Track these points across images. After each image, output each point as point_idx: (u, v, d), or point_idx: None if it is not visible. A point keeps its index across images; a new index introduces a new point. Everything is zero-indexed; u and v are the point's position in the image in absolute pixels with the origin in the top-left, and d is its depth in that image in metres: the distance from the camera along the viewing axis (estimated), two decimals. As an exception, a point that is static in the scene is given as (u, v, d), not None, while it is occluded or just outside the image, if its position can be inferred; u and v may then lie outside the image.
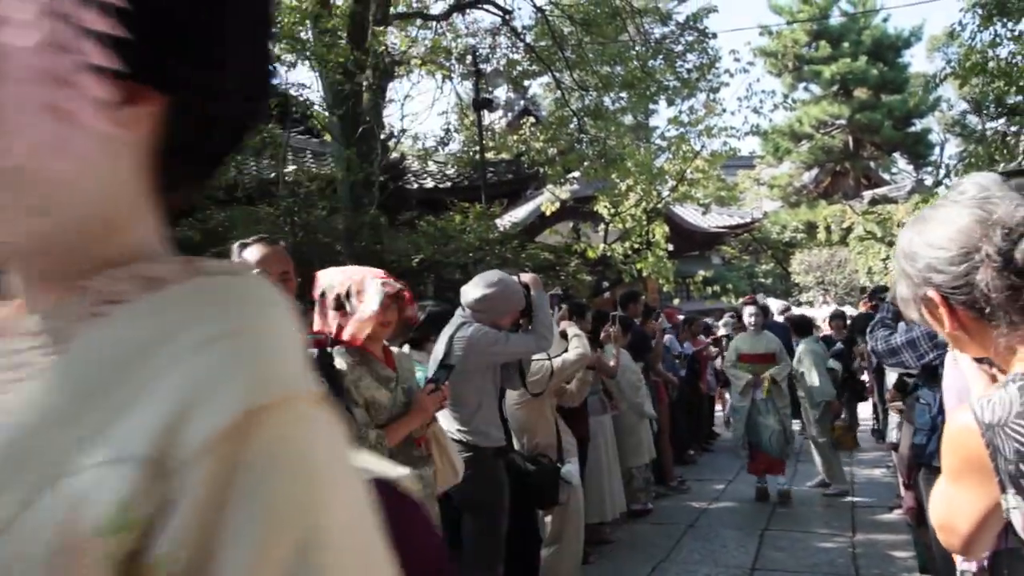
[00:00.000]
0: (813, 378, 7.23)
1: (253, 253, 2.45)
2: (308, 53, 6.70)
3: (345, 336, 2.69)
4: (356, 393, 2.65)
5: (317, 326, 2.72)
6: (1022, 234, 1.16)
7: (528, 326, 3.60)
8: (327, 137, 8.11)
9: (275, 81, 6.98)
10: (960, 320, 1.25)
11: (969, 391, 1.87)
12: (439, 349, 3.44)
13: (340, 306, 2.70)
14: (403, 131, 8.93)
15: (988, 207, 1.19)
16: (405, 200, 9.73)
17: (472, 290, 3.56)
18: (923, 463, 2.92)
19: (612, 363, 5.80)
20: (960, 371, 2.09)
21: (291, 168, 7.37)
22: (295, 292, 2.53)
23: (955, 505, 1.29)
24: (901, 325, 3.29)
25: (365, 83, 7.22)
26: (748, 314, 7.12)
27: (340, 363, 2.66)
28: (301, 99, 7.49)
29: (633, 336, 6.83)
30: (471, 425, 3.45)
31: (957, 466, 1.25)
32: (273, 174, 6.99)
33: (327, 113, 7.38)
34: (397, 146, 9.31)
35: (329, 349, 2.68)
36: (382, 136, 8.03)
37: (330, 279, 2.76)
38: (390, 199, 8.15)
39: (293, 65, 6.92)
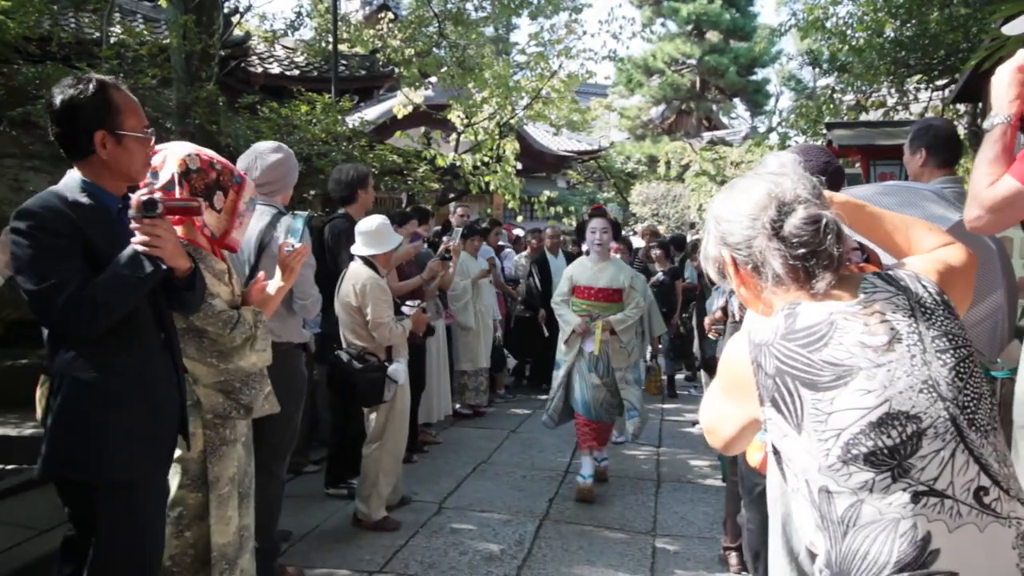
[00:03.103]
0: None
1: (124, 98, 2.10)
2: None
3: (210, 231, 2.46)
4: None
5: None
6: (793, 210, 1.35)
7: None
8: (162, 2, 7.32)
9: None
10: (743, 278, 1.43)
11: None
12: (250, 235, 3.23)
13: (208, 193, 2.42)
14: (249, 7, 8.23)
15: (779, 182, 1.38)
16: (248, 83, 9.08)
17: (260, 160, 3.32)
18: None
19: (450, 272, 5.82)
20: None
21: (118, 29, 6.60)
22: None
23: (722, 413, 1.47)
24: None
25: (209, -55, 6.53)
26: (592, 229, 5.05)
27: None
28: (133, -47, 6.67)
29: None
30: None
31: (729, 380, 1.43)
32: (96, 33, 6.23)
33: (163, -27, 6.63)
34: (241, 23, 8.59)
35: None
36: (225, 8, 7.36)
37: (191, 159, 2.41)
38: (231, 79, 7.56)
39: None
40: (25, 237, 1.92)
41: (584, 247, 5.37)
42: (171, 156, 2.37)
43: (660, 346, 7.25)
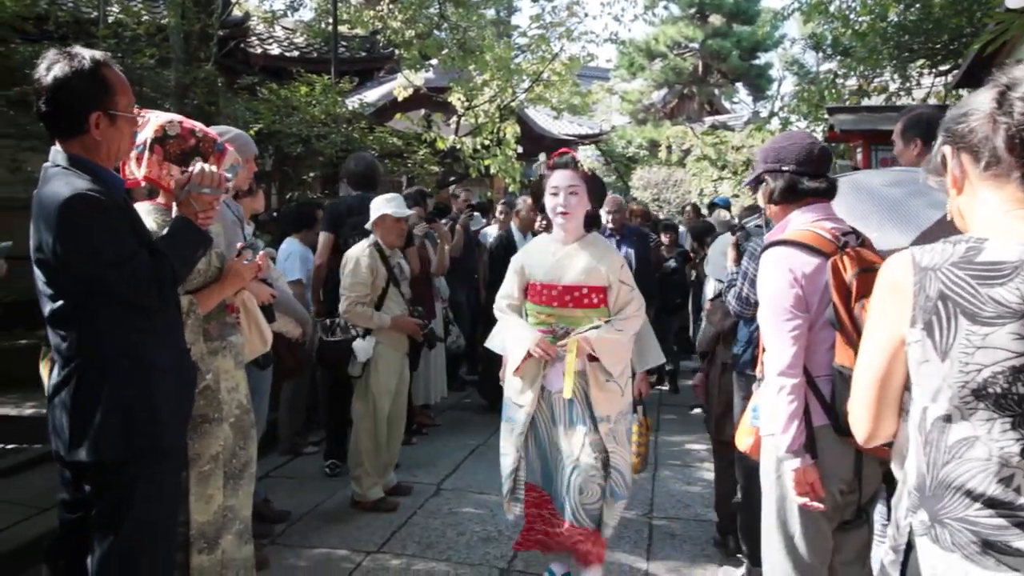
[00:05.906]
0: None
1: (117, 76, 2.09)
2: None
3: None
4: None
5: (144, 172, 2.41)
6: (1020, 83, 1.29)
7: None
8: (160, -19, 7.28)
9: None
10: (961, 167, 1.38)
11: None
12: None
13: (184, 159, 2.41)
14: (249, -13, 8.16)
15: (1010, 74, 1.33)
16: (247, 64, 9.04)
17: None
18: (738, 371, 3.29)
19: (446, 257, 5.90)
20: (775, 275, 2.25)
21: (116, 8, 6.56)
22: None
23: (865, 350, 1.45)
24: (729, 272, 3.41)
25: (208, -76, 6.48)
26: (553, 189, 3.09)
27: (151, 224, 2.38)
28: (131, -69, 6.62)
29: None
30: None
31: (881, 294, 1.42)
32: (94, 12, 6.19)
33: (162, -47, 6.59)
34: (240, 3, 8.54)
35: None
36: (224, -12, 7.30)
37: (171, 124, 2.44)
38: (230, 60, 7.51)
39: None
40: (90, 220, 1.95)
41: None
42: (151, 122, 2.41)
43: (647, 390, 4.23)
